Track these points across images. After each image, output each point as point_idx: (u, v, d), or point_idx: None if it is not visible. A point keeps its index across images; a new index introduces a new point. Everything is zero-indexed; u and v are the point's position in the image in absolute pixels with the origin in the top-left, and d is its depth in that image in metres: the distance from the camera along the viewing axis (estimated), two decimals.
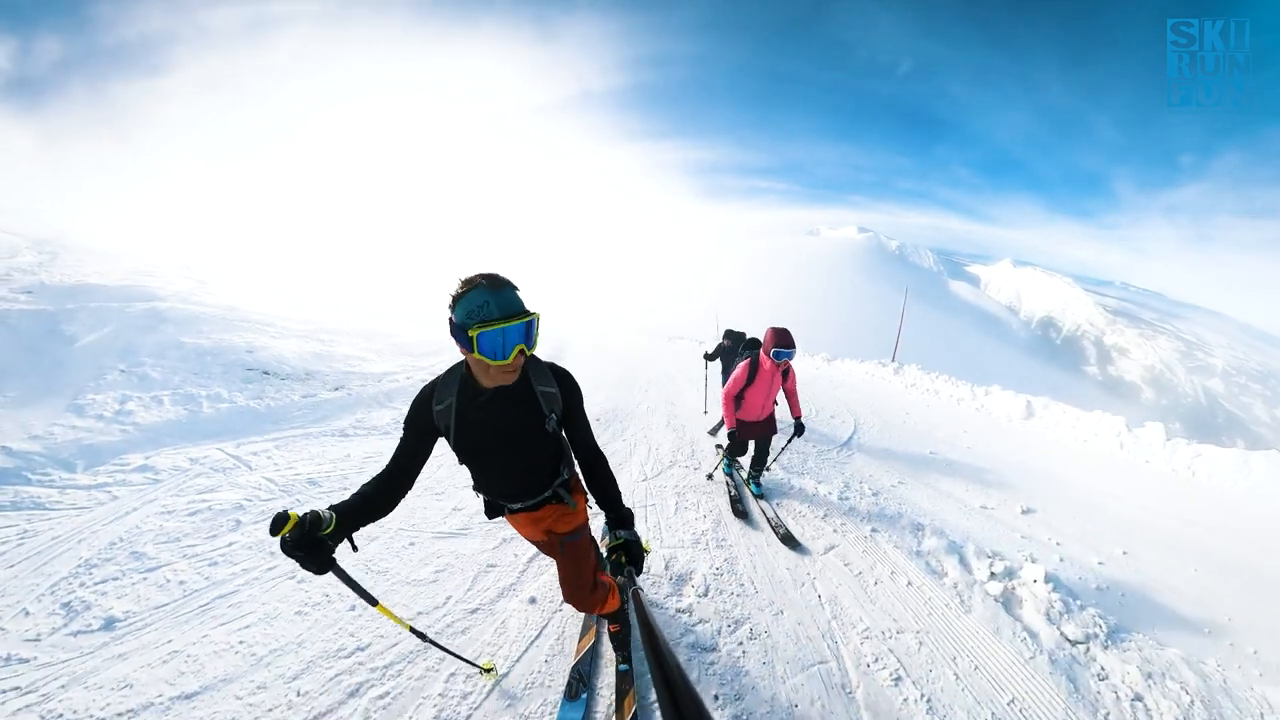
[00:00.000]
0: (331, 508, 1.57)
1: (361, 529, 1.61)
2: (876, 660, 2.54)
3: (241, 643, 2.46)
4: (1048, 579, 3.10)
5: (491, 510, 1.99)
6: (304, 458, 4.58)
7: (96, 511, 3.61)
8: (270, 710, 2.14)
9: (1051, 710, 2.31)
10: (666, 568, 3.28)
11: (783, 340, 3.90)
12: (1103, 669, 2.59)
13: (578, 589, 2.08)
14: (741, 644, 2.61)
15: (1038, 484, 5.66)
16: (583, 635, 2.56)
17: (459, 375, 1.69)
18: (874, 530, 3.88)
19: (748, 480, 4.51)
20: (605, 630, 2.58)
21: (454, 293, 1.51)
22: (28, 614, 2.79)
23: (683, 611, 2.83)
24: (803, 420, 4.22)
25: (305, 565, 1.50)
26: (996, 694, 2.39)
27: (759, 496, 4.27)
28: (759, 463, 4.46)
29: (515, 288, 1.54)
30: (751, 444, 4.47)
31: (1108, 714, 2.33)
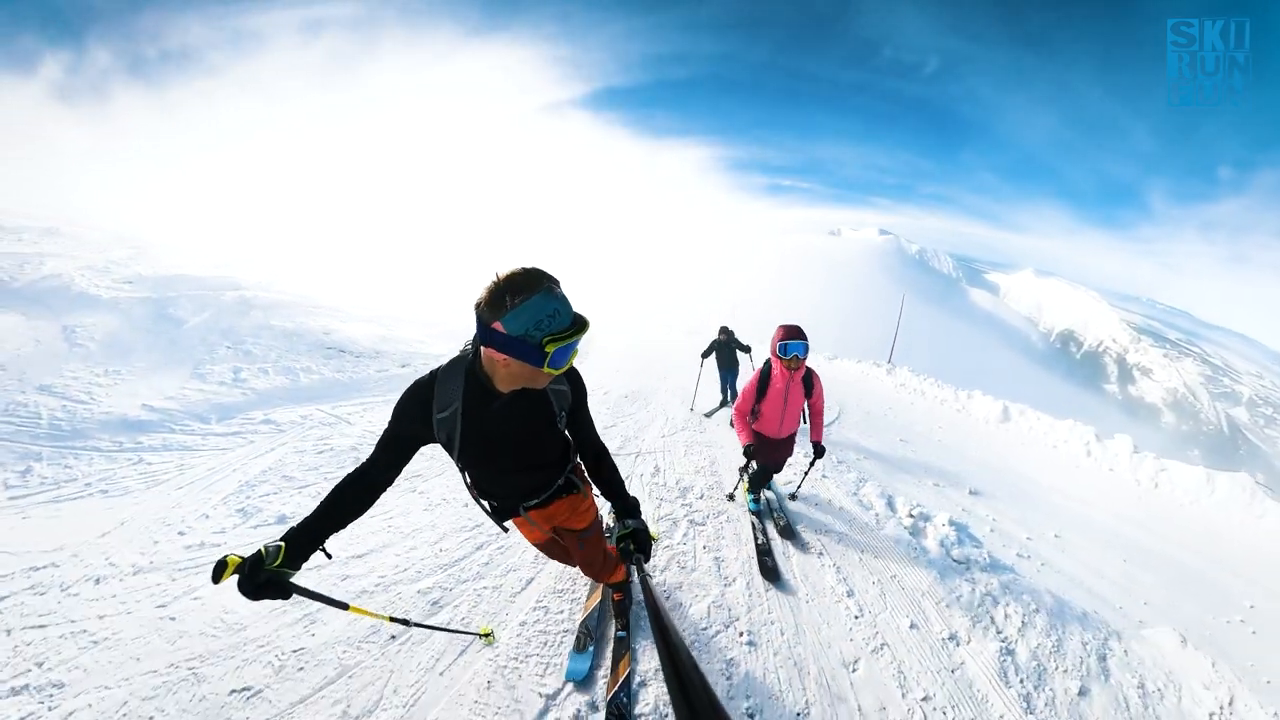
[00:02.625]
0: (285, 535, 1.42)
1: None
2: (808, 545, 3.61)
3: (391, 526, 3.24)
4: (952, 523, 3.90)
5: (500, 515, 1.89)
6: (389, 417, 5.37)
7: (239, 451, 4.41)
8: (424, 558, 2.99)
9: (919, 583, 3.28)
10: (677, 483, 4.46)
11: (791, 332, 3.15)
12: (972, 577, 3.39)
13: (599, 570, 2.30)
14: (721, 525, 3.79)
15: (995, 475, 6.25)
16: (590, 594, 2.76)
17: (461, 376, 1.48)
18: (824, 476, 4.84)
19: (749, 492, 4.04)
20: (610, 593, 2.69)
21: (496, 298, 1.26)
22: (208, 517, 3.56)
23: (686, 505, 4.07)
24: (823, 444, 3.52)
25: (257, 598, 1.34)
26: (885, 569, 3.40)
27: (754, 513, 3.90)
28: (762, 480, 3.94)
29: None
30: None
31: (960, 596, 3.18)
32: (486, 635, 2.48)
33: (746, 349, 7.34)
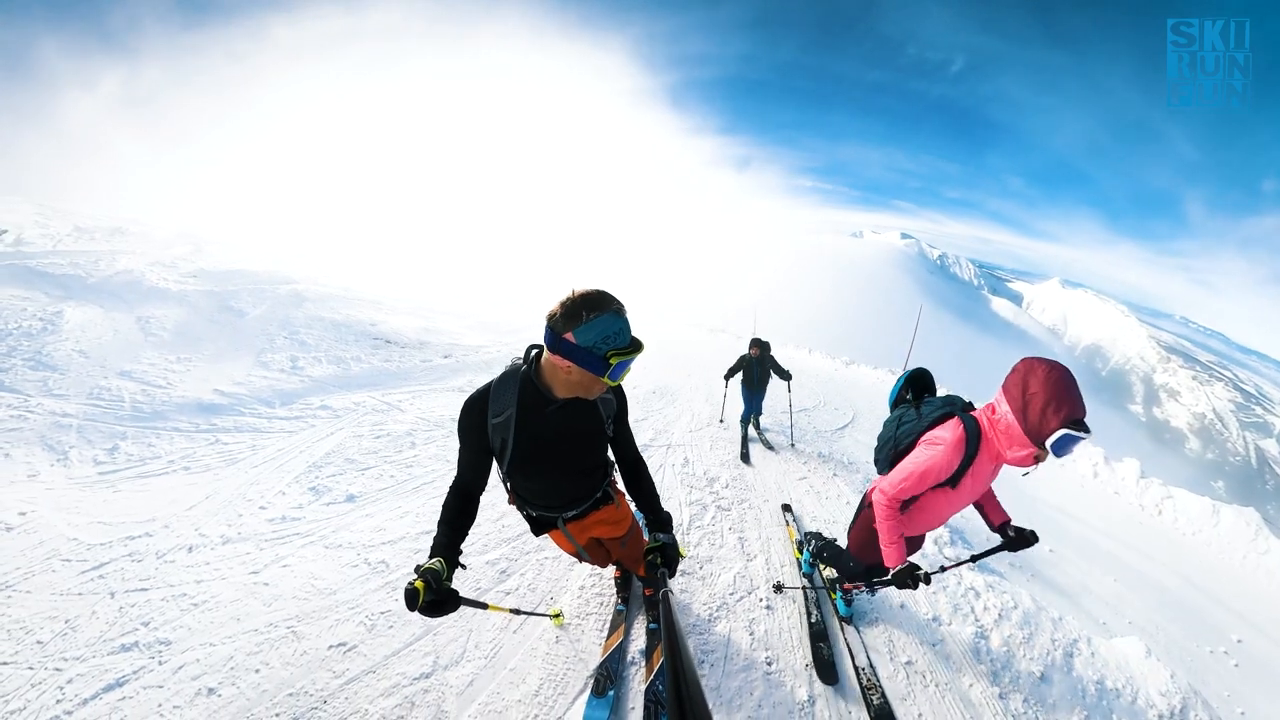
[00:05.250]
0: (433, 553, 1.58)
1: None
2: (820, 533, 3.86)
3: None
4: (946, 525, 4.18)
5: (539, 527, 2.00)
6: (438, 405, 5.64)
7: (303, 434, 4.70)
8: (488, 533, 3.26)
9: None
10: (705, 473, 4.82)
11: (1070, 402, 1.69)
12: (959, 573, 3.61)
13: (637, 565, 2.41)
14: (744, 512, 4.17)
15: (997, 486, 6.24)
16: (610, 633, 2.58)
17: (516, 384, 1.61)
18: (834, 475, 5.28)
19: (832, 587, 3.12)
20: (633, 628, 2.67)
21: (572, 311, 1.41)
22: (284, 494, 3.84)
23: (714, 492, 4.44)
24: (1017, 527, 2.19)
25: (440, 614, 1.50)
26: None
27: (846, 619, 2.93)
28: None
29: None
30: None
31: (946, 586, 3.44)
32: (557, 616, 2.68)
33: (786, 375, 6.09)
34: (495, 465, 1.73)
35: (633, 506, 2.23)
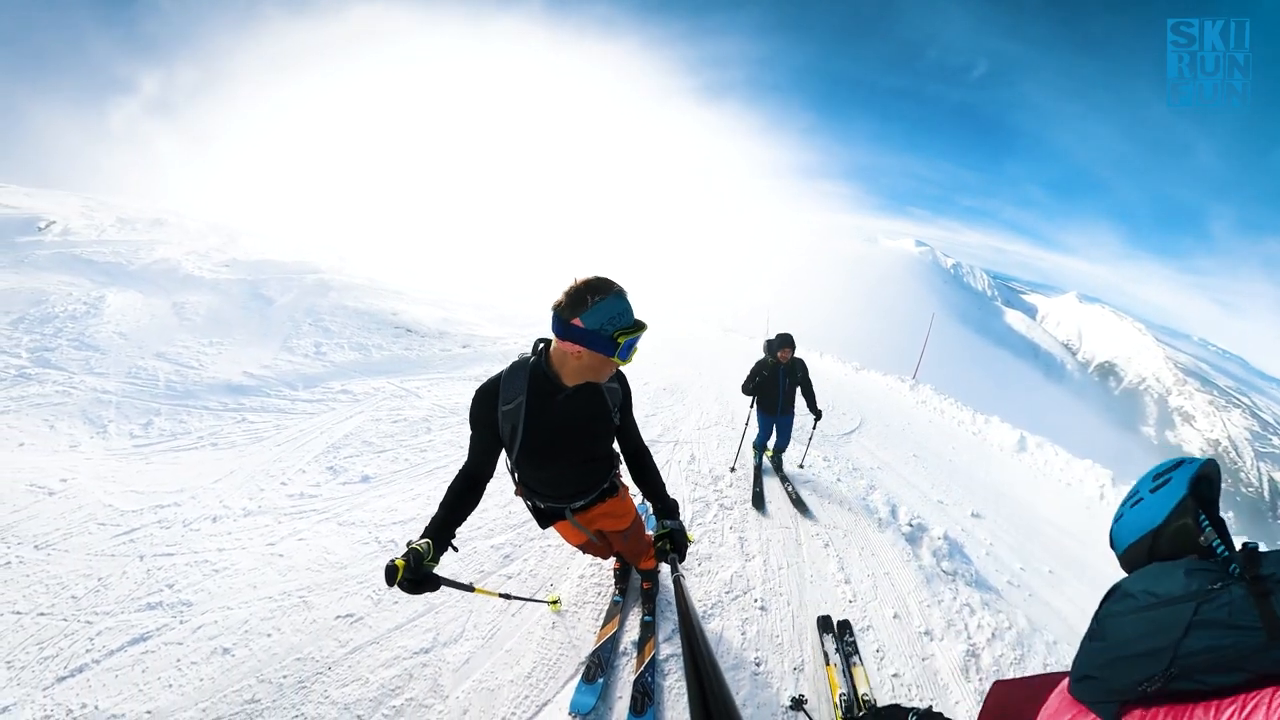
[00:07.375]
0: (425, 533, 1.63)
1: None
2: (816, 535, 4.05)
3: None
4: (946, 538, 4.17)
5: (545, 519, 2.04)
6: (455, 392, 5.79)
7: (324, 416, 4.88)
8: (495, 519, 3.33)
9: (906, 582, 3.61)
10: (710, 471, 4.88)
11: None
12: (956, 588, 3.64)
13: (636, 558, 2.50)
14: (746, 513, 4.21)
15: (1001, 502, 6.19)
16: (605, 623, 2.63)
17: (526, 372, 1.65)
18: (838, 480, 5.27)
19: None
20: (628, 620, 2.72)
21: (578, 297, 1.47)
22: (304, 472, 4.00)
23: (717, 491, 4.49)
24: None
25: (418, 593, 1.57)
26: (879, 566, 3.75)
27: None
28: None
29: None
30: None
31: (942, 600, 3.45)
32: (555, 603, 2.76)
33: (817, 411, 4.67)
34: (504, 457, 1.76)
35: (635, 500, 2.29)
